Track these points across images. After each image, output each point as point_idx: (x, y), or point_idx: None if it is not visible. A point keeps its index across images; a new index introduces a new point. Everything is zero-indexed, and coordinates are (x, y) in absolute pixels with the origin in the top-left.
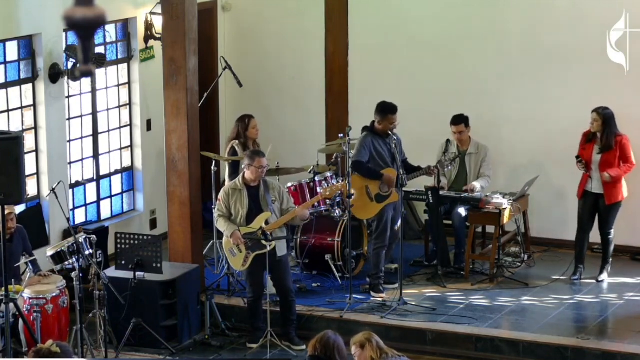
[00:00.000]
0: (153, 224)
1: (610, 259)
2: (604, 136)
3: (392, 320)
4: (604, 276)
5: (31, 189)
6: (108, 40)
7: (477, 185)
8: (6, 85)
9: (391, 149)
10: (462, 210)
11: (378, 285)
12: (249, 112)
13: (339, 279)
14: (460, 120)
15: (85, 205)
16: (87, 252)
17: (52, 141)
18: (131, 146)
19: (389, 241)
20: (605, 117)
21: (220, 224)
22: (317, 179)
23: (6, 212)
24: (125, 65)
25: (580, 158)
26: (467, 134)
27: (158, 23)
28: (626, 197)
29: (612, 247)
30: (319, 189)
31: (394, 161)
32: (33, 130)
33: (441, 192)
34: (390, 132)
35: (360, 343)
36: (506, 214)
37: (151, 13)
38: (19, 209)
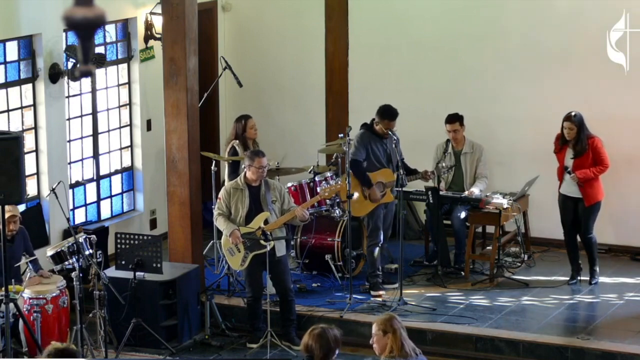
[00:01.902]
0: (153, 224)
1: (597, 263)
2: (578, 142)
3: None
4: (596, 279)
5: (31, 189)
6: (108, 40)
7: (475, 190)
8: (6, 85)
9: (387, 150)
10: (461, 211)
11: (377, 283)
12: (249, 112)
13: (338, 279)
14: (455, 119)
15: (85, 205)
16: (87, 252)
17: (52, 141)
18: (131, 146)
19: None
20: (578, 123)
21: (219, 223)
22: (317, 179)
23: (11, 214)
24: (125, 65)
25: (570, 169)
26: (461, 132)
27: (158, 23)
28: (623, 199)
29: (595, 249)
30: (319, 189)
31: (389, 162)
32: (33, 130)
33: (441, 192)
34: (390, 132)
35: (384, 329)
36: (506, 214)
37: (151, 13)
38: (19, 209)
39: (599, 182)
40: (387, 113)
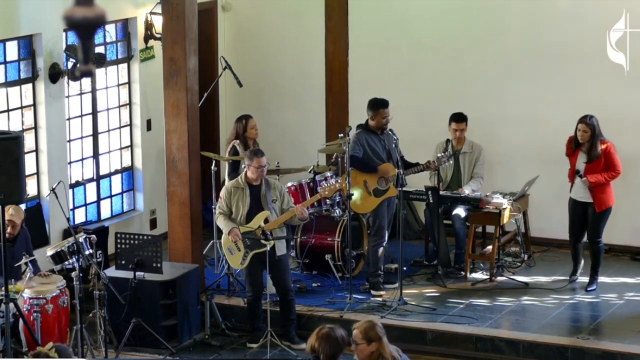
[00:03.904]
0: (153, 224)
1: (600, 267)
2: (592, 147)
3: (392, 320)
4: (594, 286)
5: (31, 189)
6: (108, 40)
7: (466, 190)
8: (6, 85)
9: (385, 146)
10: (461, 211)
11: (378, 283)
12: (249, 112)
13: (338, 278)
14: (462, 118)
15: (85, 205)
16: (87, 252)
17: (52, 141)
18: (131, 146)
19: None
20: (593, 127)
21: (219, 222)
22: (317, 178)
23: (9, 219)
24: (125, 65)
25: (582, 173)
26: (464, 132)
27: (158, 23)
28: (623, 199)
29: (602, 256)
30: (318, 189)
31: (390, 157)
32: (33, 130)
33: (441, 192)
34: (390, 132)
35: (369, 338)
36: (506, 214)
37: (151, 13)
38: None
39: (610, 188)
40: (379, 103)
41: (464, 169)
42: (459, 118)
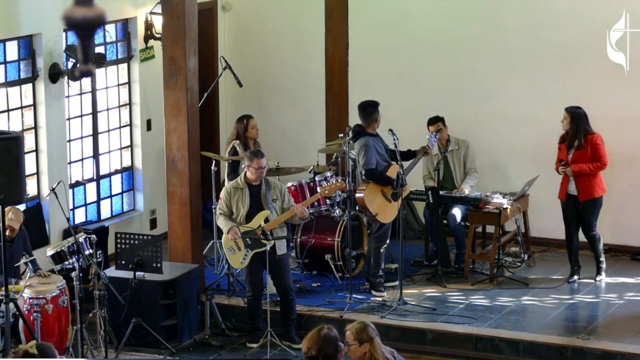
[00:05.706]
0: (153, 224)
1: (603, 258)
2: (572, 135)
3: (392, 320)
4: (602, 276)
5: (31, 189)
6: (108, 40)
7: (466, 188)
8: (6, 85)
9: (385, 146)
10: (457, 211)
11: (379, 284)
12: (249, 112)
13: (338, 278)
14: (437, 119)
15: (85, 205)
16: (87, 252)
17: (52, 141)
18: (131, 146)
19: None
20: (574, 115)
21: (219, 222)
22: (317, 178)
23: (16, 225)
24: (125, 65)
25: (565, 162)
26: (445, 132)
27: (158, 23)
28: (623, 199)
29: (600, 246)
30: (318, 189)
31: (392, 157)
32: (33, 130)
33: (441, 192)
34: (390, 132)
35: (360, 339)
36: (506, 214)
37: (151, 13)
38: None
39: (598, 179)
40: (373, 104)
41: (454, 166)
42: (433, 120)
